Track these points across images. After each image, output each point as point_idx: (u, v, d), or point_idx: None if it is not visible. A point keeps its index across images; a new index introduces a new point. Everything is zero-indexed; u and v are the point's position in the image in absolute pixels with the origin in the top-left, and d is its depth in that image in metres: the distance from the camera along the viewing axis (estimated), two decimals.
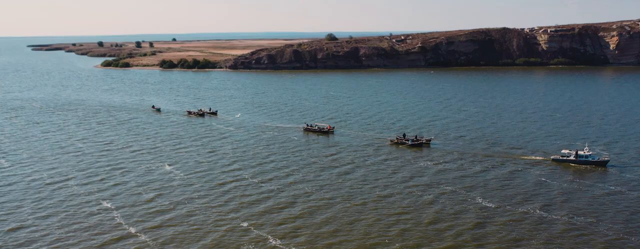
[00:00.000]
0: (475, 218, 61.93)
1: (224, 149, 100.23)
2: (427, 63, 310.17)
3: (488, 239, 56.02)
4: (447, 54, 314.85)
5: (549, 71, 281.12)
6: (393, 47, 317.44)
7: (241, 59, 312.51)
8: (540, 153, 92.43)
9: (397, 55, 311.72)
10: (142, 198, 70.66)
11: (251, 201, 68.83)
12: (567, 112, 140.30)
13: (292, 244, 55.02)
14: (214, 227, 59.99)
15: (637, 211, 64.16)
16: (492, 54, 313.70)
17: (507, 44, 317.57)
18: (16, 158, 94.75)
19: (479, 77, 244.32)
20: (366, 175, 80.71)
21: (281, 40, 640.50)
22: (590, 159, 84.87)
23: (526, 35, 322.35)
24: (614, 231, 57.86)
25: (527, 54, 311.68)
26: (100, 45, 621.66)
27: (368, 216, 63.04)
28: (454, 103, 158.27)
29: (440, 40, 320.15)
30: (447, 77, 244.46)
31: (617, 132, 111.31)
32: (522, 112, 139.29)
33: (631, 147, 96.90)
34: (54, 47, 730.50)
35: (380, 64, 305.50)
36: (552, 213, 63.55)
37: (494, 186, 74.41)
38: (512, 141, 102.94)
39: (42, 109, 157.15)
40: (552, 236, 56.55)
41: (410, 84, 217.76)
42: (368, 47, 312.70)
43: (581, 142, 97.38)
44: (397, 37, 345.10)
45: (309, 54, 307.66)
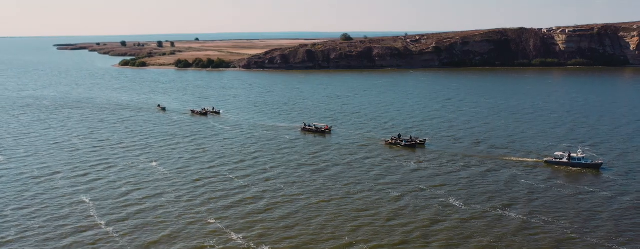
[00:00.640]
0: (435, 216, 63.36)
1: (212, 147, 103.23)
2: (441, 63, 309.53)
3: (438, 235, 57.50)
4: (461, 54, 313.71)
5: (565, 71, 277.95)
6: (407, 47, 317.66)
7: (255, 58, 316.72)
8: (534, 155, 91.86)
9: (411, 55, 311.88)
10: (118, 191, 74.00)
11: (220, 196, 71.53)
12: (571, 113, 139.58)
13: (248, 237, 57.39)
14: (177, 219, 62.81)
15: (599, 212, 64.74)
16: (508, 55, 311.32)
17: (523, 44, 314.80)
18: (12, 153, 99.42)
19: (490, 78, 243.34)
20: (342, 173, 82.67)
21: (303, 40, 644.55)
22: (582, 161, 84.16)
23: (543, 35, 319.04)
24: (569, 231, 58.65)
25: (543, 55, 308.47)
26: (123, 45, 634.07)
27: (330, 211, 65.05)
28: (457, 104, 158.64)
29: (455, 40, 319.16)
30: (458, 78, 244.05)
31: (620, 135, 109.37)
32: (524, 114, 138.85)
33: (630, 151, 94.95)
34: (79, 46, 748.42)
35: (393, 64, 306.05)
36: (514, 212, 64.45)
37: (467, 186, 75.34)
38: (508, 143, 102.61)
39: (50, 107, 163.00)
40: (504, 234, 57.65)
41: (419, 84, 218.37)
42: (381, 47, 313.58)
43: (578, 145, 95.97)
44: (412, 37, 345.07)
45: (322, 54, 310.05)
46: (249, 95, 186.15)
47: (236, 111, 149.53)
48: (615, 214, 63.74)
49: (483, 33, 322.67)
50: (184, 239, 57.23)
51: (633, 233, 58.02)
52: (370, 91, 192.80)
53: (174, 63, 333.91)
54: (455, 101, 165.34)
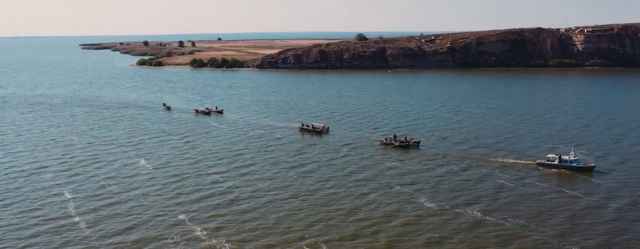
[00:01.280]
0: (395, 212, 64.80)
1: (202, 145, 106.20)
2: (455, 64, 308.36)
3: (390, 231, 59.00)
4: (476, 55, 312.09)
5: (583, 72, 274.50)
6: (421, 47, 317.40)
7: (268, 58, 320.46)
8: (529, 157, 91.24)
9: (425, 55, 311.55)
10: (97, 186, 77.39)
11: (193, 191, 74.32)
12: (572, 115, 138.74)
13: (208, 229, 59.83)
14: (145, 212, 65.70)
15: (558, 212, 65.38)
16: (524, 55, 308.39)
17: (540, 44, 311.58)
18: (10, 148, 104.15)
19: (503, 79, 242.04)
20: (319, 171, 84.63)
21: (324, 40, 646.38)
22: (574, 164, 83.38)
23: (561, 35, 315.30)
24: (522, 229, 59.41)
25: (561, 55, 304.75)
26: (145, 45, 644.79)
27: (293, 206, 67.15)
28: (459, 105, 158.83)
29: (470, 40, 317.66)
30: (469, 78, 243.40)
31: (619, 138, 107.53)
32: (526, 115, 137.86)
33: (627, 155, 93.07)
34: (103, 46, 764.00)
35: (407, 65, 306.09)
36: (476, 210, 65.33)
37: (440, 185, 76.23)
38: (504, 145, 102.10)
39: (59, 104, 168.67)
40: (456, 231, 58.85)
41: (428, 84, 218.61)
42: (395, 47, 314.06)
43: (572, 147, 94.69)
44: (427, 37, 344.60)
45: (335, 54, 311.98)
46: (254, 95, 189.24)
47: (239, 110, 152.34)
48: (578, 215, 64.18)
49: (499, 33, 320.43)
50: (147, 231, 60.05)
51: (588, 232, 58.63)
52: (375, 91, 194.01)
53: (189, 63, 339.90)
54: (458, 101, 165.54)
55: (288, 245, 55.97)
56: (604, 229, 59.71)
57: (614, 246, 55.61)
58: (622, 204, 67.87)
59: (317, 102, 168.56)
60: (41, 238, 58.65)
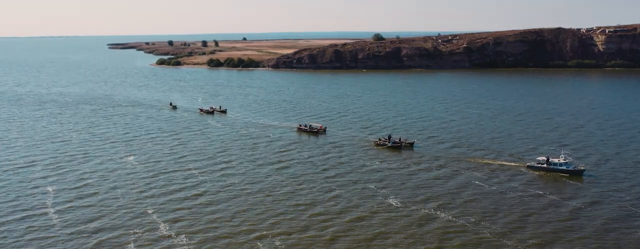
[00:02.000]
0: (361, 212, 66.21)
1: (193, 143, 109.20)
2: (472, 64, 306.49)
3: (351, 230, 60.58)
4: (493, 55, 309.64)
5: (603, 73, 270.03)
6: (437, 47, 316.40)
7: (283, 58, 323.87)
8: (520, 160, 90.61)
9: (440, 55, 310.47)
10: (80, 181, 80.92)
11: (168, 187, 77.21)
12: (574, 117, 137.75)
13: (171, 225, 62.49)
14: (117, 208, 68.71)
15: (528, 215, 66.07)
16: (543, 55, 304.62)
17: (560, 44, 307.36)
18: (9, 144, 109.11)
19: (517, 79, 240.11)
20: (300, 170, 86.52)
21: (348, 40, 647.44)
22: (563, 167, 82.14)
23: (582, 35, 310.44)
24: (487, 232, 59.84)
25: (581, 56, 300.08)
26: (170, 44, 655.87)
27: (262, 204, 69.32)
28: (462, 105, 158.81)
29: (488, 40, 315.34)
30: (481, 79, 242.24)
31: (618, 141, 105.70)
32: (526, 116, 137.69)
33: (622, 159, 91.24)
34: (129, 45, 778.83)
35: (422, 65, 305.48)
36: (445, 212, 65.85)
37: (415, 185, 76.72)
38: (500, 146, 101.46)
39: (70, 103, 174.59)
40: (415, 232, 60.10)
41: (438, 84, 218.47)
42: (410, 48, 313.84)
43: (563, 149, 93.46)
44: (445, 37, 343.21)
45: (349, 54, 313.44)
46: (261, 94, 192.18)
47: (242, 110, 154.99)
48: (540, 218, 64.63)
49: (517, 33, 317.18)
50: (110, 222, 63.20)
51: (554, 235, 59.39)
52: (381, 91, 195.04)
53: (206, 62, 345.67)
54: (462, 102, 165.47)
55: (239, 237, 58.37)
56: (552, 231, 60.30)
57: (556, 245, 56.26)
58: (590, 209, 67.83)
59: (320, 101, 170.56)
60: (8, 226, 62.20)
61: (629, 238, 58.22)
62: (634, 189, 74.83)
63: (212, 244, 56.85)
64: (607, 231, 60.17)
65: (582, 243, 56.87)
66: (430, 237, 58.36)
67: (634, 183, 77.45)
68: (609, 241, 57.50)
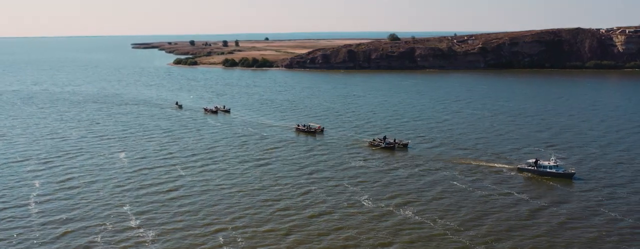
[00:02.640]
0: (326, 208, 68.44)
1: (185, 141, 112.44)
2: (487, 64, 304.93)
3: (310, 225, 62.83)
4: (509, 55, 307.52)
5: (621, 74, 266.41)
6: (451, 47, 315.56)
7: (297, 58, 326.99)
8: (513, 162, 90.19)
9: (455, 56, 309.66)
10: (66, 177, 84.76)
11: (147, 183, 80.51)
12: (575, 118, 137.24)
13: (141, 218, 65.52)
14: (94, 202, 72.08)
15: (489, 214, 67.32)
16: (560, 56, 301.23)
17: (577, 45, 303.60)
18: (11, 140, 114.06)
19: (530, 80, 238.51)
20: (282, 168, 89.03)
21: (369, 39, 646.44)
22: (553, 170, 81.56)
23: (601, 36, 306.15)
24: (447, 230, 61.44)
25: (599, 56, 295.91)
26: (192, 44, 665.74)
27: (231, 200, 71.99)
28: (464, 106, 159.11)
29: (504, 40, 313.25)
30: (492, 79, 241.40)
31: (617, 144, 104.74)
32: (529, 117, 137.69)
33: (617, 163, 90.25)
34: (153, 45, 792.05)
35: (436, 65, 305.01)
36: (410, 210, 67.37)
37: (393, 185, 78.02)
38: (494, 148, 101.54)
39: (80, 101, 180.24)
40: (374, 228, 61.97)
41: (445, 85, 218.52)
42: (424, 48, 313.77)
43: (557, 152, 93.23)
44: (460, 37, 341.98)
45: (363, 54, 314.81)
46: (267, 93, 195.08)
47: (245, 109, 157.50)
48: (510, 218, 65.68)
49: (534, 33, 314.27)
50: (82, 214, 66.77)
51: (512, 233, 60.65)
52: (386, 91, 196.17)
53: (222, 62, 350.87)
54: (465, 103, 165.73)
55: (199, 229, 61.26)
56: (507, 228, 61.46)
57: (507, 242, 57.48)
58: (556, 208, 68.83)
59: (323, 101, 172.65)
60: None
61: (582, 237, 59.08)
62: (613, 191, 74.76)
63: (170, 236, 59.70)
64: (563, 230, 61.19)
65: (535, 241, 57.91)
66: (386, 232, 60.19)
67: (616, 185, 76.99)
68: (561, 239, 58.44)
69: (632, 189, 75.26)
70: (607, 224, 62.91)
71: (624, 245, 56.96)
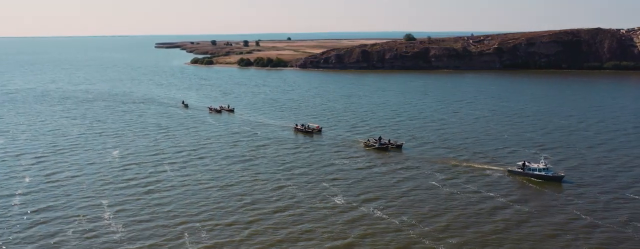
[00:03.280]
0: (295, 203, 70.77)
1: (180, 139, 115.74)
2: (503, 65, 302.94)
3: (267, 219, 65.30)
4: (525, 56, 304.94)
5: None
6: (466, 47, 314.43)
7: (310, 58, 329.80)
8: (506, 164, 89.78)
9: (470, 56, 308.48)
10: (53, 172, 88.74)
11: (131, 176, 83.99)
12: (576, 120, 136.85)
13: (113, 212, 68.80)
14: (74, 196, 75.61)
15: (444, 212, 68.73)
16: (578, 57, 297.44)
17: (596, 45, 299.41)
18: (13, 136, 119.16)
19: (543, 81, 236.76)
20: (262, 165, 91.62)
21: (391, 39, 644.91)
22: (542, 173, 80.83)
23: (621, 36, 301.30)
24: (406, 226, 63.22)
25: (619, 57, 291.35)
26: (213, 44, 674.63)
27: (204, 195, 74.83)
28: (466, 106, 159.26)
29: (520, 41, 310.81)
30: (505, 80, 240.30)
31: (613, 147, 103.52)
32: (530, 119, 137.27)
33: (610, 166, 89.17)
34: (175, 45, 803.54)
35: (450, 66, 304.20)
36: (381, 211, 68.72)
37: (368, 185, 79.20)
38: (489, 150, 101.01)
39: (89, 99, 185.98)
40: (334, 222, 64.10)
41: (453, 85, 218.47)
42: (439, 48, 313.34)
43: (563, 155, 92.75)
44: (477, 37, 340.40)
45: (377, 54, 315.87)
46: (272, 93, 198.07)
47: (249, 109, 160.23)
48: (480, 221, 66.84)
49: (552, 33, 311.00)
50: (62, 208, 70.07)
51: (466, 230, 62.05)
52: (391, 91, 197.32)
53: (237, 62, 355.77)
54: (468, 103, 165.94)
55: (164, 221, 64.20)
56: (475, 231, 62.84)
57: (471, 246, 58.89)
58: (537, 213, 69.20)
59: (326, 101, 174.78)
60: None
61: (536, 236, 59.98)
62: (599, 196, 73.55)
63: (135, 226, 62.89)
64: (520, 228, 62.09)
65: (485, 238, 59.21)
66: (344, 226, 62.23)
67: (606, 192, 75.22)
68: (515, 237, 59.56)
69: (619, 196, 74.08)
70: (584, 228, 63.15)
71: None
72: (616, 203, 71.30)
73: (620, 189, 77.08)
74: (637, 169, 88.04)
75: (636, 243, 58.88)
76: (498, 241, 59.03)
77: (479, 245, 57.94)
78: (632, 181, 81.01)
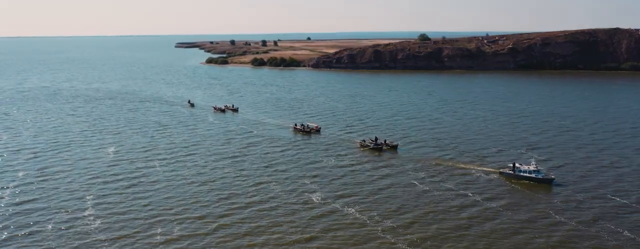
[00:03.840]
0: (267, 200, 73.17)
1: (175, 137, 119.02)
2: (517, 65, 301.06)
3: (239, 214, 67.76)
4: (540, 56, 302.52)
5: None
6: (480, 48, 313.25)
7: (323, 58, 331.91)
8: (501, 166, 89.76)
9: (483, 56, 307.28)
10: (46, 164, 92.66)
11: (118, 172, 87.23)
12: (578, 122, 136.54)
13: (92, 201, 71.97)
14: (58, 189, 79.22)
15: (412, 208, 70.24)
16: (594, 57, 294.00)
17: (614, 45, 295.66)
18: (17, 133, 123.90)
19: (555, 81, 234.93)
20: (246, 162, 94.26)
21: (405, 40, 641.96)
22: (533, 175, 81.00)
23: (639, 36, 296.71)
24: (378, 227, 64.98)
25: (636, 58, 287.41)
26: (232, 44, 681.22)
27: (184, 190, 77.62)
28: (468, 107, 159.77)
29: (535, 41, 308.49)
30: (516, 81, 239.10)
31: (612, 149, 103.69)
32: (531, 120, 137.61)
33: (602, 169, 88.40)
34: (195, 45, 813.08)
35: (463, 66, 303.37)
36: (353, 207, 70.42)
37: (349, 184, 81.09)
38: (485, 151, 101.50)
39: (99, 97, 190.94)
40: (304, 222, 66.24)
41: (462, 86, 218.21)
42: (452, 48, 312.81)
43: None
44: (492, 37, 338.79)
45: (389, 54, 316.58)
46: (278, 92, 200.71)
47: (251, 108, 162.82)
48: (447, 218, 68.29)
49: (568, 33, 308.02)
50: (47, 201, 73.52)
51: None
52: (397, 91, 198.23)
53: (251, 62, 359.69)
54: (470, 104, 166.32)
55: (138, 214, 67.07)
56: (438, 228, 64.33)
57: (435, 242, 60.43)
58: (506, 212, 70.61)
59: (329, 100, 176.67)
60: None
61: (510, 241, 60.92)
62: (584, 201, 73.32)
63: (113, 218, 66.22)
64: (493, 233, 62.46)
65: (446, 236, 60.67)
66: (310, 222, 64.44)
67: (596, 198, 73.81)
68: (484, 240, 60.71)
69: (596, 195, 74.76)
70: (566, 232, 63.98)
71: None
72: (590, 202, 72.21)
73: (598, 189, 77.93)
74: (622, 169, 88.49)
75: (599, 241, 59.63)
76: (459, 237, 60.46)
77: (440, 241, 59.46)
78: (613, 181, 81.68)
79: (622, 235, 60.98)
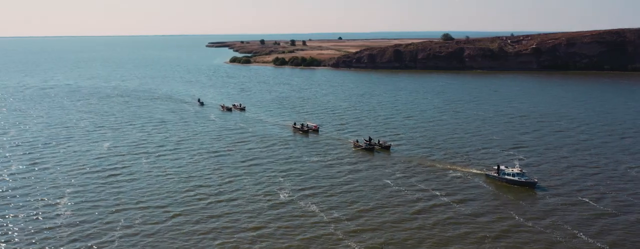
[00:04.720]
0: (236, 194, 75.88)
1: (172, 133, 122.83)
2: (540, 66, 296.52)
3: (215, 210, 70.59)
4: (565, 57, 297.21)
5: None
6: (503, 48, 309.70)
7: (343, 57, 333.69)
8: (484, 167, 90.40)
9: (506, 56, 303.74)
10: (39, 159, 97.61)
11: (105, 167, 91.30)
12: (580, 123, 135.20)
13: (71, 195, 75.92)
14: (45, 184, 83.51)
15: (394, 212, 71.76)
16: (622, 58, 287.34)
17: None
18: (24, 128, 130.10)
19: (575, 82, 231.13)
20: (230, 158, 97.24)
21: (426, 39, 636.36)
22: (516, 178, 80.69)
23: None
24: (352, 226, 67.07)
25: None
26: (262, 43, 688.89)
27: (161, 184, 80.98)
28: (472, 108, 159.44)
29: (560, 41, 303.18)
30: (533, 82, 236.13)
31: (610, 150, 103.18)
32: (530, 120, 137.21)
33: (596, 173, 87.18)
34: (225, 44, 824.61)
35: (485, 66, 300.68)
36: (316, 205, 72.41)
37: (321, 181, 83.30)
38: (481, 152, 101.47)
39: (113, 95, 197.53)
40: (264, 216, 68.69)
41: (475, 86, 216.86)
42: (473, 48, 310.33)
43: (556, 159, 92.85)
44: (516, 37, 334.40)
45: (409, 54, 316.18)
46: (287, 91, 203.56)
47: (256, 107, 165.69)
48: (405, 219, 69.64)
49: (594, 34, 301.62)
50: (28, 192, 77.93)
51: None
52: (407, 92, 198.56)
53: (273, 61, 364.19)
54: (474, 104, 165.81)
55: (110, 203, 70.65)
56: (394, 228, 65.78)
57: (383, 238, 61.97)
58: (465, 220, 71.57)
59: (335, 99, 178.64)
60: None
61: (467, 242, 61.92)
62: (550, 198, 74.58)
63: (81, 208, 70.09)
64: (455, 237, 63.01)
65: (394, 235, 62.06)
66: (268, 217, 66.74)
67: (578, 203, 72.70)
68: (432, 239, 61.91)
69: (572, 198, 74.53)
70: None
71: None
72: (563, 206, 71.57)
73: (576, 192, 77.41)
74: (605, 172, 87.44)
75: (560, 246, 59.38)
76: (419, 240, 60.73)
77: (395, 243, 60.29)
78: (593, 184, 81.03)
79: (594, 243, 61.08)
